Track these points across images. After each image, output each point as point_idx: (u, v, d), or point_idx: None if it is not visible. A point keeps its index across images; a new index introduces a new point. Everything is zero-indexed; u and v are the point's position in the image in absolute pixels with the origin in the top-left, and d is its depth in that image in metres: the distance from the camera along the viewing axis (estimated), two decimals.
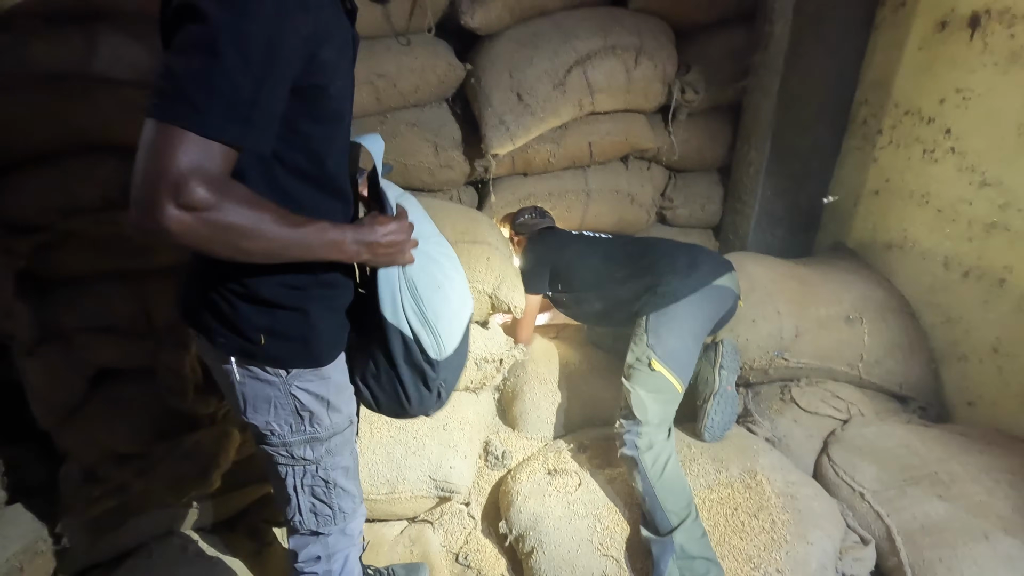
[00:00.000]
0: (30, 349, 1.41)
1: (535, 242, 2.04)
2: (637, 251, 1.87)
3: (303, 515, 1.10)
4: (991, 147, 1.84)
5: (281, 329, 0.93)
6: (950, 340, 2.02)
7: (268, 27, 0.69)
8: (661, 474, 1.54)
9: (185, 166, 0.66)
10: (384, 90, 2.04)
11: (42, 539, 1.49)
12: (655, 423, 1.60)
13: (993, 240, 1.85)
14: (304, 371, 0.97)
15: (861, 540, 1.58)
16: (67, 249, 1.37)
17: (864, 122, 2.29)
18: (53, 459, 1.56)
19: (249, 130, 0.71)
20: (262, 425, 1.00)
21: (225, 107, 0.68)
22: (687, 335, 1.67)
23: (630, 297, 1.77)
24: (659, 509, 1.50)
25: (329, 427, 1.03)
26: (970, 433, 1.79)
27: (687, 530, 1.47)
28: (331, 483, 1.08)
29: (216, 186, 0.68)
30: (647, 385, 1.62)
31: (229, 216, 0.70)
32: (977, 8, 1.83)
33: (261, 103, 0.72)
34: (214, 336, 0.94)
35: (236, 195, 0.72)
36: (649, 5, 2.22)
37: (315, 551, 1.14)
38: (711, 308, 1.72)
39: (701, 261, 1.76)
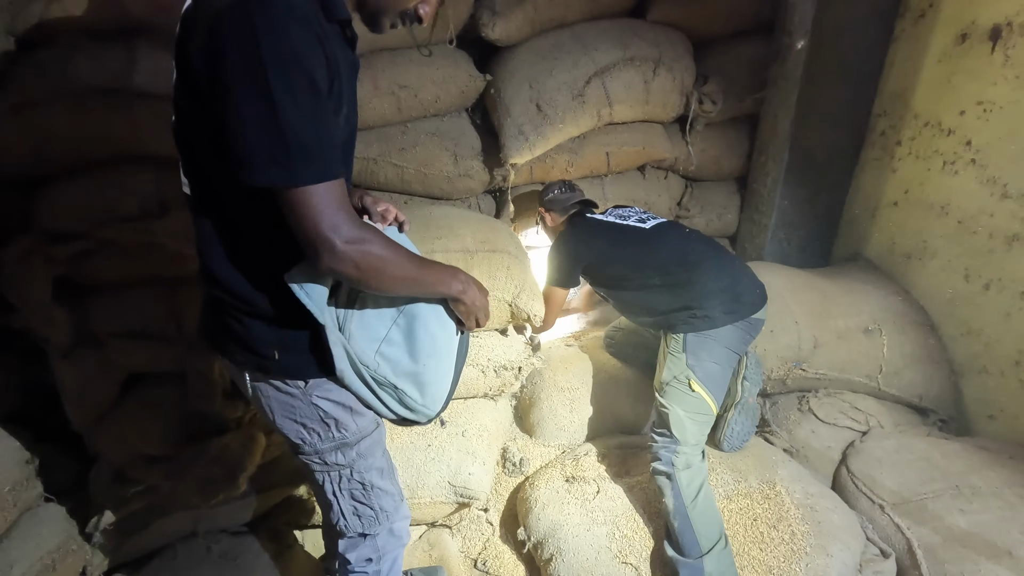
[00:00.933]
0: (65, 353, 1.45)
1: (567, 233, 1.95)
2: (674, 258, 1.76)
3: (347, 518, 1.14)
4: (1013, 159, 1.83)
5: (293, 343, 0.96)
6: (971, 353, 2.01)
7: (306, 64, 0.75)
8: (696, 496, 1.53)
9: (328, 213, 0.78)
10: (405, 100, 2.07)
11: (72, 538, 1.53)
12: (692, 443, 1.61)
13: (1015, 252, 1.84)
14: (321, 380, 0.99)
15: (881, 553, 1.57)
16: (103, 257, 1.42)
17: (883, 133, 2.28)
18: (85, 460, 1.61)
19: (328, 164, 0.79)
20: (293, 435, 1.04)
21: (307, 154, 0.76)
22: (724, 360, 1.68)
23: (664, 309, 1.74)
24: (690, 531, 1.49)
25: (356, 431, 1.06)
26: (991, 447, 1.78)
27: (718, 558, 1.47)
28: (367, 484, 1.11)
29: (354, 217, 0.81)
30: (686, 405, 1.63)
31: (376, 248, 0.83)
32: (998, 21, 1.83)
33: (324, 136, 0.79)
34: (234, 356, 0.98)
35: (370, 228, 0.83)
36: (668, 17, 2.24)
37: (366, 553, 1.18)
38: (747, 337, 1.72)
39: (743, 290, 1.72)
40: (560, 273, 1.91)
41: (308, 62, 0.75)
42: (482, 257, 1.78)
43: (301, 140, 0.75)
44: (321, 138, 0.77)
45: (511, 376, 1.90)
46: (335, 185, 0.79)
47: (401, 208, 2.19)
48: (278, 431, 1.04)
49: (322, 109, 0.78)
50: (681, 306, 1.70)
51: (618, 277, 1.83)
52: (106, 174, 1.37)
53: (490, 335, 1.86)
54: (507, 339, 1.89)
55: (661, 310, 1.75)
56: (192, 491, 1.53)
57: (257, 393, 1.00)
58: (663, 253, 1.78)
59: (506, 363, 1.86)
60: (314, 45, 0.76)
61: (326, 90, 0.79)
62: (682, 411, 1.62)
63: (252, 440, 1.54)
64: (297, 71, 0.74)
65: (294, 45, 0.74)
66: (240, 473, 1.51)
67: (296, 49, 0.74)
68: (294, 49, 0.74)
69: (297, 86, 0.74)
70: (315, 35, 0.77)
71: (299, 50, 0.74)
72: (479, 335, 1.84)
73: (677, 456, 1.58)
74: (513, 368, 1.89)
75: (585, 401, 1.99)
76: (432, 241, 1.79)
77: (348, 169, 1.00)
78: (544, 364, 2.06)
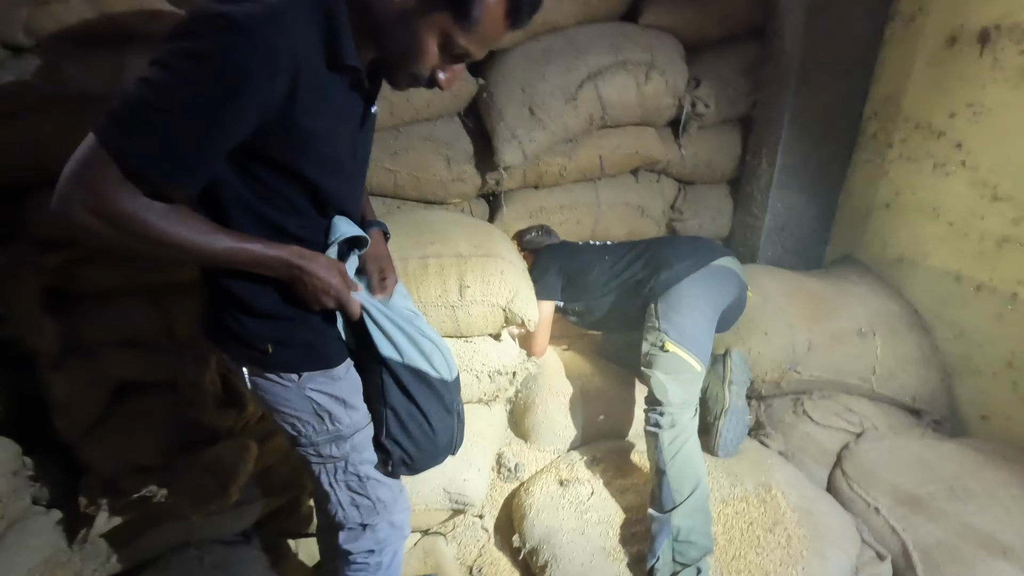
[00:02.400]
0: (54, 362, 1.43)
1: (544, 253, 2.07)
2: (640, 249, 1.94)
3: (345, 509, 1.15)
4: (1003, 162, 1.84)
5: (286, 338, 0.99)
6: (963, 354, 2.02)
7: (216, 77, 0.74)
8: (676, 453, 1.56)
9: (100, 183, 0.75)
10: (398, 104, 2.06)
11: (62, 550, 1.51)
12: (677, 403, 1.62)
13: (1006, 254, 1.86)
14: (315, 374, 1.03)
15: (877, 556, 1.57)
16: (92, 265, 1.40)
17: (874, 136, 2.30)
18: (74, 470, 1.58)
19: (170, 170, 0.77)
20: (290, 428, 1.06)
21: (152, 147, 0.75)
22: (696, 313, 1.70)
23: (640, 294, 1.82)
24: (666, 486, 1.53)
25: (350, 424, 1.08)
26: (985, 448, 1.79)
27: (687, 513, 1.50)
28: (363, 476, 1.13)
29: (125, 203, 0.77)
30: (664, 367, 1.65)
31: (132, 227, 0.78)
32: (986, 24, 1.85)
33: (189, 149, 0.77)
34: (229, 350, 1.01)
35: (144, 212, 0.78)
36: (660, 21, 2.24)
37: (367, 544, 1.18)
38: (716, 288, 1.76)
39: (700, 245, 1.86)
40: (541, 283, 1.95)
41: (230, 84, 0.74)
42: (476, 262, 1.78)
43: (147, 118, 0.74)
44: (171, 135, 0.75)
45: (505, 381, 1.90)
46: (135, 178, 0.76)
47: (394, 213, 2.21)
48: (275, 423, 1.07)
49: (206, 126, 0.76)
50: (649, 287, 1.79)
51: (596, 284, 1.94)
52: None
53: (484, 340, 1.85)
54: (501, 344, 1.88)
55: (638, 296, 1.83)
56: (184, 501, 1.51)
57: (255, 387, 1.03)
58: (634, 249, 1.96)
59: (500, 368, 1.86)
60: (261, 79, 0.76)
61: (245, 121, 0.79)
62: (661, 374, 1.64)
63: (245, 449, 1.53)
64: (206, 79, 0.73)
65: (224, 60, 0.73)
66: (233, 482, 1.49)
67: (223, 63, 0.73)
68: (220, 63, 0.73)
69: (196, 89, 0.74)
70: (271, 62, 0.76)
71: (225, 67, 0.73)
72: (473, 340, 1.83)
73: (663, 416, 1.61)
74: (508, 373, 1.88)
75: (580, 406, 1.98)
76: (425, 246, 1.79)
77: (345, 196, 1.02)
78: (539, 369, 2.05)
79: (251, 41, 0.74)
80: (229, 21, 0.73)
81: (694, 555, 1.47)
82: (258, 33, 0.74)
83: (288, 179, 0.91)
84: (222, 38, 0.73)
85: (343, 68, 0.86)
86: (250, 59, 0.74)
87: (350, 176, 1.03)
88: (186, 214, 0.84)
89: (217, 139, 0.79)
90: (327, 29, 0.83)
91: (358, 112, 0.96)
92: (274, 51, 0.76)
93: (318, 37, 0.82)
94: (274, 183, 0.90)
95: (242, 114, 0.78)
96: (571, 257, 2.03)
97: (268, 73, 0.76)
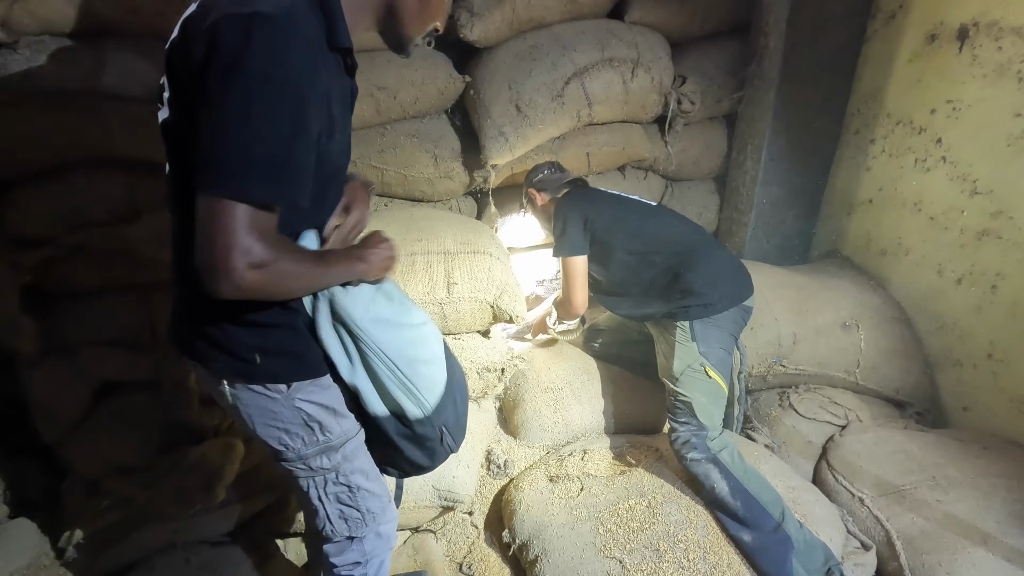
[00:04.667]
0: (35, 362, 1.41)
1: (567, 201, 1.90)
2: (676, 235, 1.77)
3: (333, 523, 1.12)
4: (982, 156, 1.88)
5: (274, 347, 0.94)
6: (945, 346, 2.05)
7: (296, 87, 0.74)
8: (745, 469, 1.56)
9: (245, 232, 0.74)
10: (384, 102, 2.05)
11: (45, 553, 1.49)
12: (718, 425, 1.63)
13: (985, 247, 1.89)
14: (304, 383, 0.98)
15: (862, 545, 1.60)
16: (73, 263, 1.38)
17: (857, 132, 2.32)
18: (56, 473, 1.56)
19: (286, 188, 0.77)
20: (275, 442, 1.01)
21: (263, 172, 0.74)
22: (728, 345, 1.69)
23: (664, 292, 1.72)
24: (756, 504, 1.50)
25: (341, 434, 1.05)
26: (966, 438, 1.82)
27: (791, 520, 1.49)
28: (353, 487, 1.10)
29: (272, 242, 0.77)
30: (707, 393, 1.63)
31: (285, 266, 0.80)
32: (965, 21, 1.88)
33: (292, 161, 0.77)
34: (210, 363, 0.95)
35: (286, 247, 0.82)
36: (645, 18, 2.26)
37: (353, 557, 1.16)
38: (741, 323, 1.74)
39: (739, 276, 1.75)
40: (571, 238, 1.80)
41: (297, 85, 0.75)
42: (463, 259, 1.78)
43: (254, 154, 0.73)
44: (282, 160, 0.75)
45: (494, 378, 1.90)
46: (265, 212, 0.76)
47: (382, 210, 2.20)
48: (258, 439, 1.02)
49: (297, 134, 0.76)
50: (681, 291, 1.68)
51: (619, 247, 1.77)
52: (75, 178, 1.34)
53: (472, 337, 1.85)
54: (490, 341, 1.88)
55: (660, 292, 1.73)
56: (169, 502, 1.50)
57: (236, 401, 0.97)
58: (665, 226, 1.80)
59: (489, 365, 1.86)
60: (312, 71, 0.76)
61: (316, 117, 0.79)
62: (704, 398, 1.63)
63: (230, 448, 1.52)
64: (281, 90, 0.73)
65: (286, 66, 0.73)
66: (218, 482, 1.48)
67: (287, 70, 0.73)
68: (285, 70, 0.73)
69: (275, 104, 0.73)
70: (315, 62, 0.77)
71: (290, 72, 0.74)
72: (461, 337, 1.83)
73: (711, 441, 1.60)
74: (496, 370, 1.88)
75: (569, 402, 1.99)
76: (413, 243, 1.78)
77: (338, 189, 1.01)
78: (527, 365, 2.05)
79: (300, 41, 0.75)
80: (269, 23, 0.72)
81: (819, 559, 1.45)
82: (300, 30, 0.75)
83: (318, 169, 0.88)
84: (279, 46, 0.73)
85: (339, 49, 0.86)
86: (300, 56, 0.75)
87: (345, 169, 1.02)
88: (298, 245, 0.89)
89: (312, 146, 0.80)
90: (324, 11, 0.83)
91: (348, 94, 0.95)
92: (314, 45, 0.77)
93: (318, 20, 0.82)
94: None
95: (314, 111, 0.78)
96: (598, 212, 1.83)
97: (317, 65, 0.77)
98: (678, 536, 1.52)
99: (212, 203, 0.73)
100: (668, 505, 1.59)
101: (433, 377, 1.09)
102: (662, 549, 1.49)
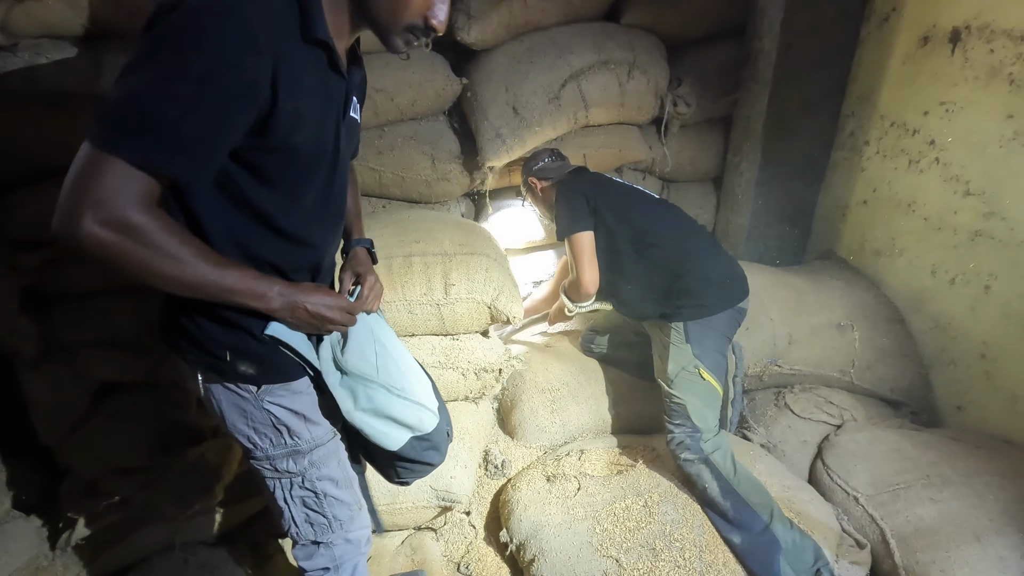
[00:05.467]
0: (34, 364, 1.42)
1: (570, 182, 1.87)
2: (677, 229, 1.77)
3: (299, 526, 1.11)
4: (974, 158, 1.89)
5: (244, 347, 0.94)
6: (939, 346, 2.07)
7: (208, 61, 0.71)
8: (735, 470, 1.57)
9: (107, 188, 0.70)
10: (382, 104, 2.06)
11: (44, 554, 1.50)
12: (713, 427, 1.64)
13: (978, 248, 1.90)
14: (274, 387, 0.98)
15: (857, 544, 1.61)
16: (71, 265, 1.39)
17: (851, 134, 2.34)
18: (54, 473, 1.57)
19: (174, 159, 0.73)
20: (244, 439, 1.02)
21: (152, 136, 0.71)
22: (722, 347, 1.70)
23: (662, 289, 1.71)
24: (744, 505, 1.52)
25: (310, 440, 1.04)
26: (960, 437, 1.83)
27: (780, 520, 1.50)
28: (320, 493, 1.09)
29: (141, 209, 0.72)
30: (701, 395, 1.64)
31: (145, 239, 0.73)
32: (957, 24, 1.90)
33: (190, 133, 0.73)
34: (185, 355, 0.96)
35: (157, 222, 0.74)
36: (641, 20, 2.27)
37: (322, 562, 1.15)
38: (735, 324, 1.74)
39: (735, 277, 1.74)
40: (575, 213, 1.77)
41: (214, 60, 0.71)
42: (461, 260, 1.78)
43: (140, 110, 0.70)
44: (169, 123, 0.71)
45: (492, 379, 1.91)
46: (140, 174, 0.72)
47: (379, 212, 2.20)
48: (229, 434, 1.02)
49: (197, 105, 0.72)
50: (676, 290, 1.68)
51: (620, 235, 1.75)
52: None
53: (470, 338, 1.86)
54: (487, 342, 1.89)
55: (655, 289, 1.72)
56: (168, 502, 1.51)
57: (209, 395, 0.98)
58: (665, 220, 1.78)
59: (486, 366, 1.87)
60: (238, 52, 0.73)
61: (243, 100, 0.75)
62: (698, 400, 1.64)
63: (228, 448, 1.52)
64: (188, 59, 0.70)
65: (204, 38, 0.71)
66: (216, 482, 1.49)
67: (203, 42, 0.70)
68: (200, 42, 0.70)
69: (180, 70, 0.70)
70: (256, 45, 0.74)
71: (204, 45, 0.71)
72: (459, 338, 1.84)
73: (705, 443, 1.61)
74: (493, 370, 1.89)
75: (566, 402, 2.00)
76: (410, 244, 1.79)
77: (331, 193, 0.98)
78: (525, 366, 2.06)
79: (233, 21, 0.71)
80: (209, 2, 0.71)
81: (808, 559, 1.47)
82: (238, 12, 0.72)
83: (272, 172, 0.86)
84: (205, 22, 0.71)
85: (316, 43, 0.83)
86: (236, 39, 0.72)
87: (332, 169, 0.96)
88: (191, 235, 0.80)
89: (216, 124, 0.75)
90: (300, 4, 0.80)
91: (339, 97, 0.92)
92: (255, 29, 0.73)
93: (290, 13, 0.80)
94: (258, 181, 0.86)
95: (239, 95, 0.75)
96: (602, 194, 1.79)
97: (254, 50, 0.74)
98: (674, 535, 1.53)
99: (84, 148, 0.71)
100: (664, 504, 1.60)
101: (421, 379, 1.12)
102: (658, 548, 1.50)
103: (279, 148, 0.84)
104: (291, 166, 0.87)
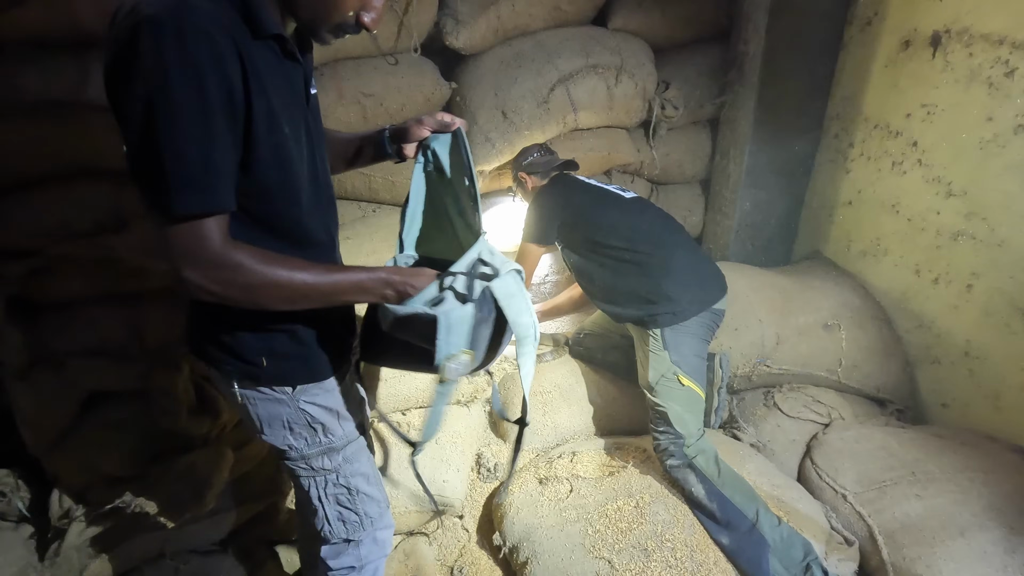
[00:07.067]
0: (21, 373, 1.40)
1: (547, 188, 1.91)
2: (649, 234, 1.77)
3: (332, 524, 1.14)
4: (955, 159, 1.93)
5: (280, 350, 0.98)
6: (923, 344, 2.10)
7: (196, 92, 0.71)
8: (719, 471, 1.59)
9: (181, 251, 0.76)
10: (371, 109, 2.07)
11: (33, 565, 1.47)
12: (695, 432, 1.66)
13: (960, 248, 1.94)
14: (308, 386, 1.02)
15: (845, 541, 1.63)
16: (58, 273, 1.38)
17: (836, 136, 2.37)
18: (43, 483, 1.55)
19: (211, 194, 0.76)
20: (280, 442, 1.05)
21: (193, 183, 0.73)
22: (700, 350, 1.72)
23: (634, 294, 1.72)
24: (729, 505, 1.54)
25: (343, 436, 1.09)
26: (945, 434, 1.86)
27: (767, 519, 1.52)
28: (353, 489, 1.13)
29: (217, 251, 0.77)
30: (681, 400, 1.66)
31: (250, 268, 0.79)
32: (938, 28, 1.93)
33: (219, 167, 0.76)
34: (221, 365, 0.99)
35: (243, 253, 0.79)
36: (628, 25, 2.29)
37: (348, 561, 1.18)
38: (713, 326, 1.76)
39: (709, 280, 1.76)
40: (536, 229, 1.85)
41: (196, 87, 0.71)
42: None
43: (170, 168, 0.72)
44: (200, 166, 0.73)
45: (484, 382, 1.91)
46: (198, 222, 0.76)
47: (369, 216, 2.20)
48: (265, 438, 1.05)
49: (210, 131, 0.73)
50: (651, 296, 1.69)
51: (592, 242, 1.78)
52: (60, 189, 1.33)
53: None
54: None
55: (631, 295, 1.72)
56: (158, 511, 1.49)
57: (245, 401, 1.01)
58: (639, 224, 1.78)
59: None
60: (212, 65, 0.72)
61: (227, 111, 0.75)
62: (679, 406, 1.66)
63: (219, 456, 1.51)
64: (179, 97, 0.70)
65: (179, 69, 0.70)
66: (207, 490, 1.48)
67: (180, 73, 0.70)
68: (179, 74, 0.70)
69: (178, 113, 0.71)
70: (215, 54, 0.72)
71: (185, 74, 0.70)
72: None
73: (687, 448, 1.63)
74: (485, 374, 1.90)
75: (558, 404, 2.01)
76: None
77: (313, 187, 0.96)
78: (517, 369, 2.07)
79: (192, 39, 0.70)
80: (155, 26, 0.69)
81: (798, 555, 1.49)
82: (192, 28, 0.70)
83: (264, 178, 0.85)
84: (170, 56, 0.69)
85: (269, 38, 0.81)
86: (207, 56, 0.71)
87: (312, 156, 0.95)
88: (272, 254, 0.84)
89: (228, 143, 0.76)
90: (240, 3, 0.79)
91: (300, 88, 0.91)
92: (215, 38, 0.72)
93: (234, 13, 0.78)
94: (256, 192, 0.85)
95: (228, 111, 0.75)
96: (576, 205, 1.83)
97: (224, 59, 0.73)
98: (665, 535, 1.54)
99: (159, 225, 0.75)
100: (656, 505, 1.61)
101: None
102: (650, 548, 1.52)
103: (263, 152, 0.83)
104: (279, 166, 0.87)
